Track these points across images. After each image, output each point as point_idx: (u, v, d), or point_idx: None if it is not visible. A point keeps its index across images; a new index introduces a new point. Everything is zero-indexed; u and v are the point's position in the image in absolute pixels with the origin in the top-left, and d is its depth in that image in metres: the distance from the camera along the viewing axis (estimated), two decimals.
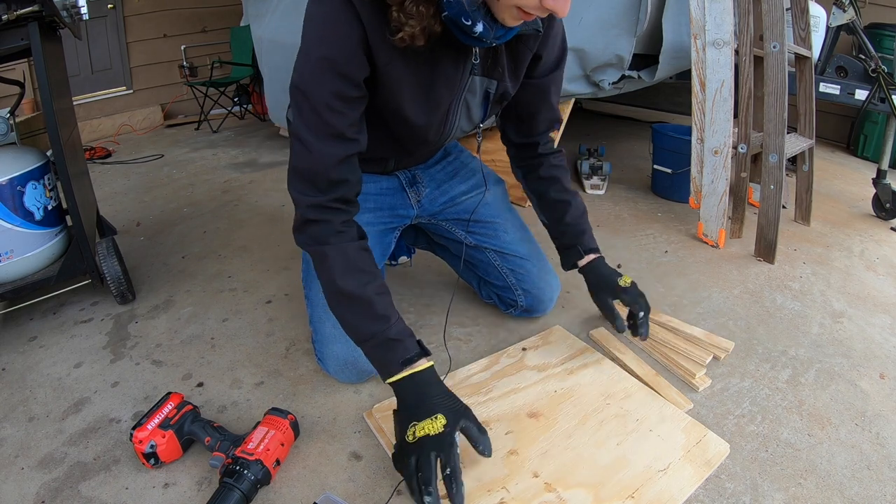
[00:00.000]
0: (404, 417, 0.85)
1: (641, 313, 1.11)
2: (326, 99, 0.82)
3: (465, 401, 0.99)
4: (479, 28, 0.76)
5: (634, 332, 1.13)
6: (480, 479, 0.86)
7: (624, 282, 1.14)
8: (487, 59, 0.93)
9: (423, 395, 0.86)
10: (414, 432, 0.81)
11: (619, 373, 1.12)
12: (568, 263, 1.22)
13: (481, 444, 0.83)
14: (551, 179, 1.18)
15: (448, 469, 0.77)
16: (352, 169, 0.89)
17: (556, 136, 2.02)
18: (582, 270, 1.19)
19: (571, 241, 1.19)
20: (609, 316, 1.15)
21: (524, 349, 1.20)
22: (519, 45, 0.95)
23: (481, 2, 0.75)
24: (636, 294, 1.14)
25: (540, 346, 1.21)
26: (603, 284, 1.16)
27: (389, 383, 0.88)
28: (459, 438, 0.83)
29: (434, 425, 0.81)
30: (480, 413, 0.98)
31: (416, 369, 0.87)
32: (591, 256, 1.18)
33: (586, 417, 0.99)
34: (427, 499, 0.76)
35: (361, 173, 0.94)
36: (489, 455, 0.83)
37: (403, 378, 0.87)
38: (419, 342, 0.91)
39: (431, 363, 0.90)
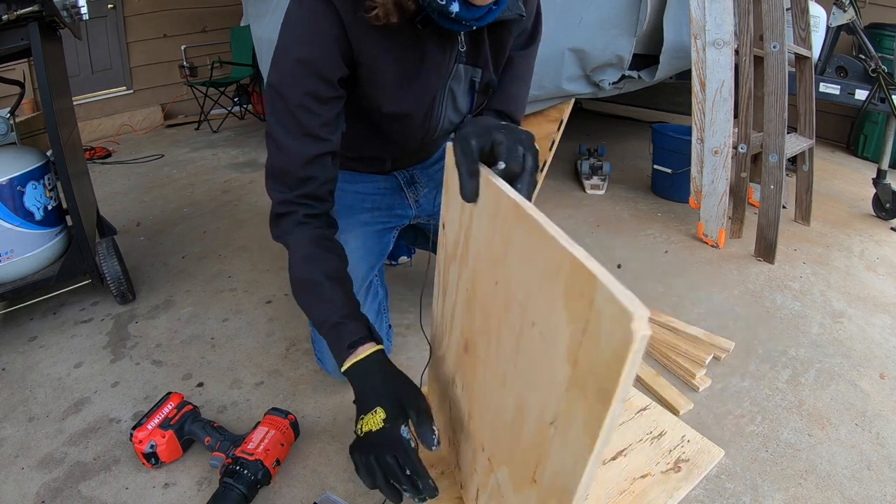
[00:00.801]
0: (357, 408, 0.80)
1: (523, 181, 0.63)
2: (301, 99, 0.82)
3: (439, 353, 0.87)
4: (455, 7, 0.75)
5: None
6: (463, 464, 0.77)
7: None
8: (471, 47, 0.92)
9: (365, 385, 0.79)
10: (361, 426, 0.76)
11: (493, 193, 0.59)
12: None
13: (422, 436, 0.73)
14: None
15: (408, 469, 0.70)
16: (323, 168, 0.89)
17: (556, 137, 2.02)
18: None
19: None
20: (461, 170, 0.64)
21: (443, 226, 0.81)
22: (502, 31, 0.94)
23: None
24: (516, 142, 0.64)
25: (449, 207, 0.76)
26: (475, 123, 0.69)
27: (343, 373, 0.82)
28: None
29: (374, 420, 0.75)
30: (448, 366, 0.82)
31: (360, 357, 0.80)
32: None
33: (489, 327, 0.61)
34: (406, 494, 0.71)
35: (338, 172, 0.93)
36: (432, 449, 0.72)
37: (350, 367, 0.81)
38: (370, 327, 0.85)
39: (378, 347, 0.82)
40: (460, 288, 0.73)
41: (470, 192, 0.63)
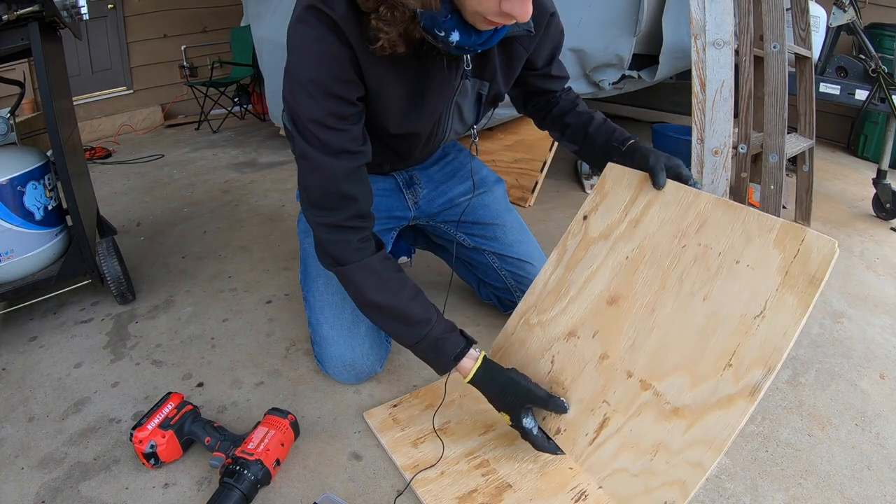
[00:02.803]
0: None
1: (693, 180, 0.97)
2: (323, 119, 0.81)
3: (550, 315, 1.01)
4: (455, 37, 0.75)
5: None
6: (582, 399, 0.89)
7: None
8: (478, 61, 0.92)
9: (487, 394, 0.91)
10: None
11: (686, 193, 0.92)
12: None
13: (555, 409, 0.90)
14: (567, 106, 1.13)
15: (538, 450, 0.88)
16: (361, 183, 0.88)
17: None
18: (624, 155, 1.04)
19: (604, 146, 1.07)
20: (655, 168, 0.94)
21: (585, 217, 1.08)
22: (513, 45, 0.94)
23: (451, 10, 0.73)
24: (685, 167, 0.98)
25: (599, 204, 1.06)
26: (653, 151, 0.99)
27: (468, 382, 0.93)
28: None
29: (505, 419, 0.90)
30: (566, 323, 0.98)
31: (471, 373, 0.90)
32: (631, 142, 1.04)
33: (665, 277, 0.88)
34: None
35: (370, 185, 0.93)
36: (564, 411, 0.90)
37: (470, 381, 0.91)
38: (462, 332, 0.93)
39: (480, 360, 0.91)
40: (610, 260, 0.97)
41: (659, 184, 0.94)
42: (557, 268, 1.07)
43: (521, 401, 0.88)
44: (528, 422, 0.87)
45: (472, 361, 0.91)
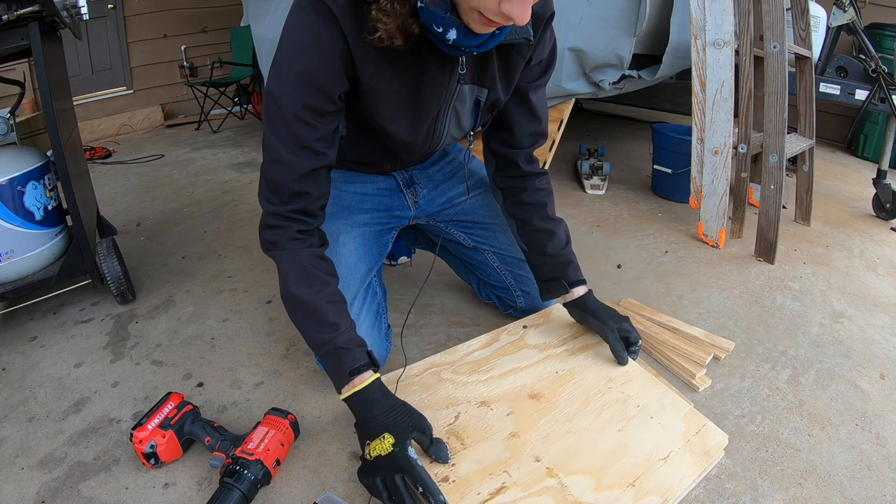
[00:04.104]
0: (359, 434, 0.86)
1: (640, 342, 1.09)
2: (298, 111, 0.81)
3: (466, 379, 0.99)
4: (452, 35, 0.75)
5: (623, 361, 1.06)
6: (481, 462, 0.85)
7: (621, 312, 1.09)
8: (477, 68, 0.92)
9: (369, 413, 0.84)
10: (369, 451, 0.81)
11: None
12: (546, 297, 1.14)
13: (434, 454, 0.81)
14: (535, 205, 1.11)
15: (419, 486, 0.76)
16: (316, 183, 0.89)
17: (556, 137, 2.02)
18: (570, 305, 1.12)
19: (554, 273, 1.11)
20: (617, 348, 1.05)
21: (525, 326, 1.18)
22: (512, 52, 0.94)
23: (450, 7, 0.73)
24: (631, 326, 1.09)
25: (541, 325, 1.18)
26: (608, 312, 1.09)
27: (343, 400, 0.87)
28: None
29: (383, 445, 0.80)
30: (481, 392, 0.99)
31: (362, 385, 0.86)
32: (581, 291, 1.11)
33: (588, 401, 0.98)
34: None
35: (330, 186, 0.93)
36: (445, 462, 0.82)
37: (350, 396, 0.86)
38: (369, 353, 0.90)
39: (377, 375, 0.88)
40: (540, 367, 1.06)
41: (625, 362, 1.06)
42: (484, 349, 1.11)
43: (410, 423, 0.82)
44: (412, 451, 0.79)
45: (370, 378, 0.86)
